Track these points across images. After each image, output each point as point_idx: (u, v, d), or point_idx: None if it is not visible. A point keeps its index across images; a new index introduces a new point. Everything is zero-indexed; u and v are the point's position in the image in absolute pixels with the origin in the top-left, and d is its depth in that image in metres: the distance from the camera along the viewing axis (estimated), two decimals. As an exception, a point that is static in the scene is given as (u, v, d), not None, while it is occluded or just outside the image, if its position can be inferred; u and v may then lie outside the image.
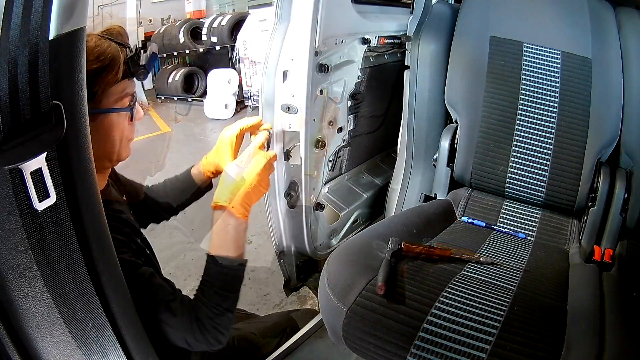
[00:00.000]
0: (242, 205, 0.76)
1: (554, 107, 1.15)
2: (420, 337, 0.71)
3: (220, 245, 0.74)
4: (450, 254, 0.92)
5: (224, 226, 0.75)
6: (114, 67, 0.63)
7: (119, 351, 0.55)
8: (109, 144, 0.67)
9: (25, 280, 0.46)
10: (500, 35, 1.22)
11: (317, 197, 1.23)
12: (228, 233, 0.75)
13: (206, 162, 0.95)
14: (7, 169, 0.41)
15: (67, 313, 0.50)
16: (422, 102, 1.30)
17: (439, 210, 1.17)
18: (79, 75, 0.48)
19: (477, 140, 1.21)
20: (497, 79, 1.20)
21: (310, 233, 1.22)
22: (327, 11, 1.01)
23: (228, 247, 0.74)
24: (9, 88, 0.41)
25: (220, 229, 0.76)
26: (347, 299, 0.77)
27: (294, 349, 1.07)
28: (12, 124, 0.41)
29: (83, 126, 0.49)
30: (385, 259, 0.84)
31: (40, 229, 0.45)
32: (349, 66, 1.20)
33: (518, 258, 0.99)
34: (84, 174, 0.50)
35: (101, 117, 0.64)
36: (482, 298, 0.79)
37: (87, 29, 0.49)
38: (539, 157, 1.16)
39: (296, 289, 1.45)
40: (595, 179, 1.11)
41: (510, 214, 1.20)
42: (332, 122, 1.19)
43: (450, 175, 1.27)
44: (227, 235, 0.75)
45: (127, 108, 0.68)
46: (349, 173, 1.47)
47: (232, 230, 0.75)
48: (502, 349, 0.68)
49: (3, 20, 0.40)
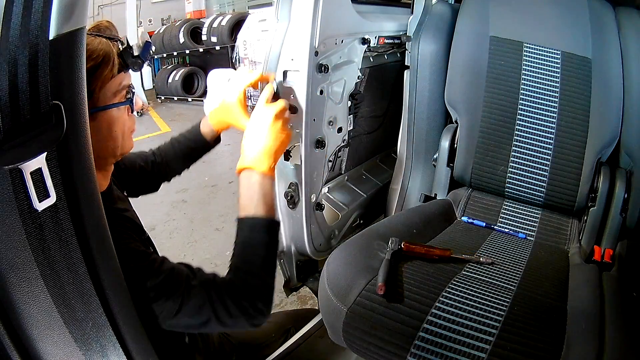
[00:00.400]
0: (262, 161, 0.74)
1: (554, 107, 1.15)
2: (420, 337, 0.71)
3: (247, 204, 0.72)
4: (450, 254, 0.92)
5: (248, 185, 0.73)
6: (108, 63, 0.62)
7: (119, 351, 0.55)
8: (112, 139, 0.66)
9: (25, 280, 0.46)
10: (500, 35, 1.22)
11: (317, 197, 1.23)
12: (253, 190, 0.72)
13: (216, 121, 0.94)
14: (7, 169, 0.41)
15: (67, 313, 0.50)
16: (422, 102, 1.30)
17: (439, 210, 1.17)
18: (79, 75, 0.48)
19: (477, 140, 1.21)
20: (497, 79, 1.20)
21: (310, 233, 1.22)
22: (326, 11, 1.01)
23: (256, 205, 0.71)
24: (9, 88, 0.41)
25: (245, 188, 0.73)
26: (347, 299, 0.78)
27: (294, 349, 1.07)
28: (12, 124, 0.41)
29: (83, 126, 0.49)
30: (385, 259, 0.84)
31: (40, 229, 0.45)
32: (348, 66, 1.19)
33: (518, 258, 0.99)
34: (84, 174, 0.50)
35: (101, 115, 0.63)
36: (482, 298, 0.79)
37: (86, 30, 0.49)
38: (539, 157, 1.16)
39: (296, 289, 1.44)
40: (595, 179, 1.11)
41: (510, 214, 1.20)
42: (332, 122, 1.19)
43: (450, 175, 1.27)
44: (253, 193, 0.72)
45: (126, 101, 0.67)
46: (349, 173, 1.47)
47: (257, 186, 0.72)
48: (502, 349, 0.68)
49: (3, 20, 0.40)
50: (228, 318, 0.64)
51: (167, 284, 0.61)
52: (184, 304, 0.61)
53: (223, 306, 0.63)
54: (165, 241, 2.40)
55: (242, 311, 0.65)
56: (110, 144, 0.66)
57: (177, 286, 0.61)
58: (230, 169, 3.52)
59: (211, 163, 3.73)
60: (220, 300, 0.63)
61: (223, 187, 3.12)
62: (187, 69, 6.11)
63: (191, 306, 0.62)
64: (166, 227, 2.56)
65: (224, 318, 0.64)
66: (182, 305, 0.61)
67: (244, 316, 0.65)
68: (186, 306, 0.61)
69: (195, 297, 0.62)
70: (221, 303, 0.63)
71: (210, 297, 0.63)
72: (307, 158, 1.12)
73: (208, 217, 2.64)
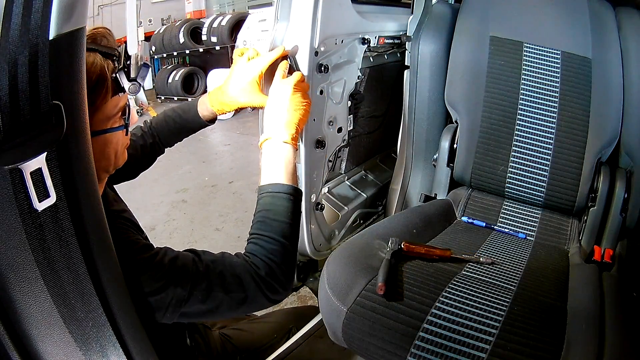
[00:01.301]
0: (285, 131, 0.75)
1: (554, 107, 1.15)
2: (420, 337, 0.71)
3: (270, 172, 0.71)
4: (450, 254, 0.92)
5: (271, 155, 0.73)
6: (102, 88, 0.58)
7: (119, 351, 0.55)
8: (104, 159, 0.63)
9: (25, 280, 0.46)
10: (500, 35, 1.22)
11: (317, 197, 1.23)
12: (276, 160, 0.72)
13: (220, 105, 0.91)
14: (7, 169, 0.41)
15: (67, 313, 0.49)
16: (422, 102, 1.30)
17: (439, 210, 1.17)
18: (79, 75, 0.48)
19: (477, 140, 1.21)
20: (497, 79, 1.20)
21: (310, 233, 1.22)
22: (326, 11, 1.01)
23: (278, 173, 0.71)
24: (9, 88, 0.41)
25: (267, 159, 0.73)
26: (347, 299, 0.77)
27: (294, 349, 1.07)
28: (12, 124, 0.41)
29: (83, 126, 0.49)
30: (385, 259, 0.84)
31: (40, 229, 0.45)
32: (348, 66, 1.19)
33: (518, 258, 0.99)
34: (84, 174, 0.50)
35: (94, 139, 0.58)
36: (482, 298, 0.79)
37: (86, 30, 0.49)
38: (539, 157, 1.16)
39: (296, 289, 1.45)
40: (595, 179, 1.11)
41: (510, 214, 1.20)
42: (332, 122, 1.19)
43: (450, 175, 1.27)
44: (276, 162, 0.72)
45: (121, 126, 0.63)
46: (349, 173, 1.47)
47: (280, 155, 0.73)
48: (502, 349, 0.68)
49: (3, 20, 0.40)
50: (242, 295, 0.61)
51: (173, 271, 0.59)
52: (193, 289, 0.59)
53: (237, 284, 0.61)
54: (165, 241, 2.40)
55: (260, 285, 0.62)
56: (103, 163, 0.63)
57: (184, 273, 0.59)
58: (230, 169, 3.52)
59: (211, 163, 3.73)
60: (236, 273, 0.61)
61: (223, 187, 3.12)
62: (187, 69, 6.10)
63: (200, 290, 0.59)
64: (166, 227, 2.56)
65: (238, 297, 0.61)
66: (191, 290, 0.59)
67: (262, 291, 0.62)
68: (196, 291, 0.59)
69: (204, 281, 0.60)
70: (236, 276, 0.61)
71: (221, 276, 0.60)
72: (307, 158, 1.12)
73: (208, 217, 2.64)
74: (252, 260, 0.64)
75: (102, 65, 0.58)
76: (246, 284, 0.62)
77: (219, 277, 0.61)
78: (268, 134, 0.76)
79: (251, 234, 0.67)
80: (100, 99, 0.59)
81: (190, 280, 0.59)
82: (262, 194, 0.70)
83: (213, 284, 0.60)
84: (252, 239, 0.67)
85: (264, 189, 0.70)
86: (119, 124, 0.63)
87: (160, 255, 0.60)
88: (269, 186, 0.70)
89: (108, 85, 0.59)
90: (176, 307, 0.59)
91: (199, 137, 4.64)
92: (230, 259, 0.63)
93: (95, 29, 0.62)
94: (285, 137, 0.75)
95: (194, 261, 0.61)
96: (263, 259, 0.64)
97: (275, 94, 0.81)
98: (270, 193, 0.69)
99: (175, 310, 0.59)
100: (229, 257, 0.64)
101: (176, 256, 0.61)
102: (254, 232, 0.67)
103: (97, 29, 0.62)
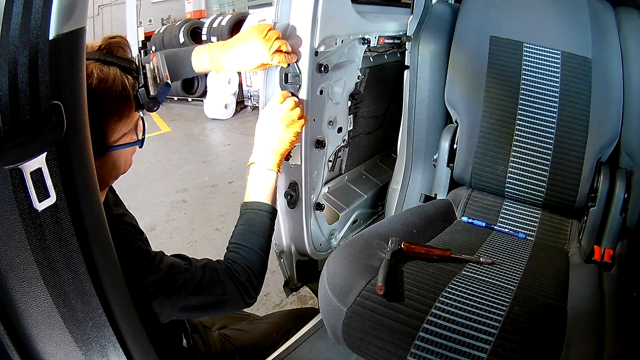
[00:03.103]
0: (268, 159, 0.82)
1: (554, 107, 1.15)
2: (420, 337, 0.71)
3: (254, 193, 0.81)
4: (450, 254, 0.92)
5: (256, 178, 0.82)
6: (124, 108, 0.60)
7: (119, 351, 0.55)
8: (116, 169, 0.66)
9: (25, 280, 0.46)
10: (500, 35, 1.22)
11: (317, 197, 1.23)
12: (259, 183, 0.81)
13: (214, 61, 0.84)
14: (7, 169, 0.41)
15: (67, 313, 0.50)
16: (422, 102, 1.30)
17: (439, 210, 1.17)
18: (79, 75, 0.48)
19: (477, 140, 1.21)
20: (497, 79, 1.20)
21: (310, 233, 1.22)
22: (326, 11, 1.01)
23: (261, 195, 0.80)
24: (9, 88, 0.41)
25: (252, 180, 0.83)
26: (347, 299, 0.77)
27: (294, 349, 1.07)
28: (12, 124, 0.41)
29: (83, 126, 0.49)
30: (385, 259, 0.84)
31: (40, 229, 0.45)
32: (348, 66, 1.19)
33: (518, 258, 0.99)
34: (84, 174, 0.50)
35: (109, 153, 0.62)
36: (482, 298, 0.79)
37: (86, 30, 0.49)
38: (539, 157, 1.16)
39: (296, 289, 1.44)
40: (595, 179, 1.11)
41: (510, 214, 1.20)
42: (332, 122, 1.19)
43: (450, 175, 1.27)
44: (259, 185, 0.81)
45: (137, 142, 0.66)
46: (348, 173, 1.47)
47: (263, 180, 0.81)
48: (502, 349, 0.68)
49: (3, 20, 0.40)
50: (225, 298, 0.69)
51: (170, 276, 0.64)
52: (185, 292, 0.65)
53: (221, 284, 0.68)
54: (165, 241, 2.40)
55: (240, 289, 0.70)
56: (114, 173, 0.66)
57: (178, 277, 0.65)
58: (230, 169, 3.53)
59: (211, 163, 3.73)
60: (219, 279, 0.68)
61: (223, 187, 3.12)
62: (187, 69, 6.09)
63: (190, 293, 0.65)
64: (166, 227, 2.56)
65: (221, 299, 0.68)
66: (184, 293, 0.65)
67: (241, 294, 0.70)
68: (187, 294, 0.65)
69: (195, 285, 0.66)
70: (220, 281, 0.68)
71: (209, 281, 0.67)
72: (307, 158, 1.12)
73: (208, 217, 2.64)
74: (234, 267, 0.72)
75: (122, 81, 0.60)
76: (228, 287, 0.69)
77: (207, 281, 0.67)
78: (255, 158, 0.84)
79: (232, 243, 0.76)
80: (125, 114, 0.61)
81: (184, 285, 0.65)
82: (246, 209, 0.79)
83: (202, 287, 0.67)
84: (233, 248, 0.75)
85: (249, 205, 0.80)
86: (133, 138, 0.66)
87: (158, 260, 0.64)
88: (253, 204, 0.80)
89: (131, 101, 0.61)
90: (173, 308, 0.65)
91: (199, 137, 4.65)
92: (215, 265, 0.71)
93: (111, 38, 0.62)
94: (270, 165, 0.83)
95: (185, 268, 0.67)
96: (243, 267, 0.72)
97: (264, 119, 0.86)
98: (253, 210, 0.79)
99: (172, 311, 0.65)
100: (213, 263, 0.71)
101: (171, 262, 0.66)
102: (235, 242, 0.75)
103: (113, 39, 0.62)
